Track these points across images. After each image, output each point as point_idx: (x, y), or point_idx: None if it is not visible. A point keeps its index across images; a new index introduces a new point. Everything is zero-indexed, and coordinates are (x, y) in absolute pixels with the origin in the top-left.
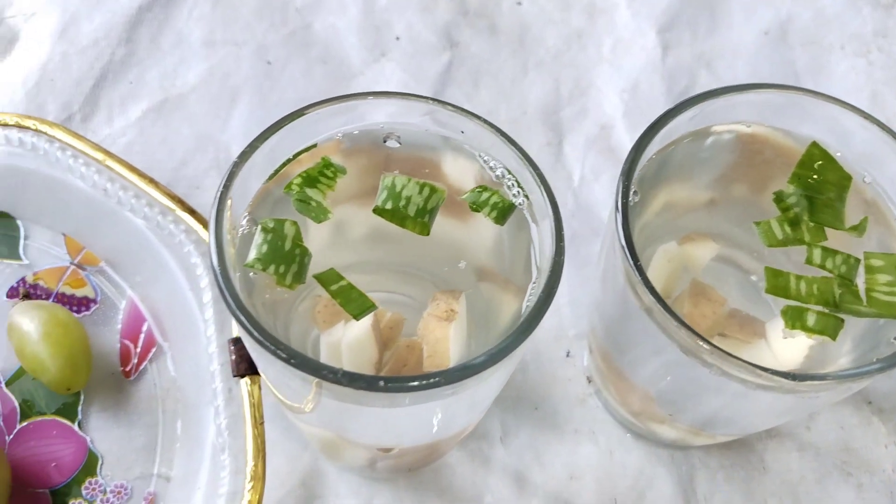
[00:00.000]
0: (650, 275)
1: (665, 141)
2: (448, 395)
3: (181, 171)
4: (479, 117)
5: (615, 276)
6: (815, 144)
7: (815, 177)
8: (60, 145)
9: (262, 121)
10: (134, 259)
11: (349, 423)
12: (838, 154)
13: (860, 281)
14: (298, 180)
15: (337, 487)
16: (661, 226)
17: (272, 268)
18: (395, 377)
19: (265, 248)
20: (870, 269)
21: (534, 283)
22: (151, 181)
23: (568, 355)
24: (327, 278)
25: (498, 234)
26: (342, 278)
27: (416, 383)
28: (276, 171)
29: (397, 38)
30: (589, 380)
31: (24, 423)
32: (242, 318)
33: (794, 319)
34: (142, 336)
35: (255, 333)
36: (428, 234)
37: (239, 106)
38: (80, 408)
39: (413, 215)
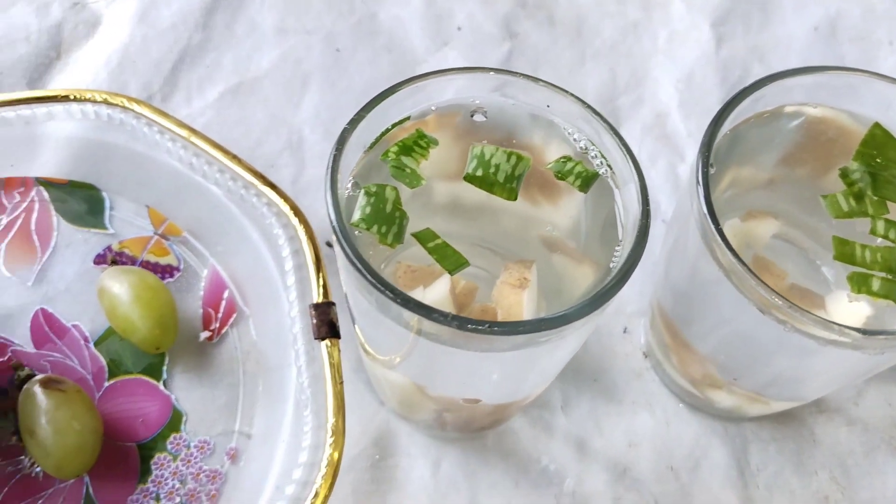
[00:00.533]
0: None
1: (738, 119)
2: (542, 343)
3: (256, 151)
4: (566, 91)
5: (685, 249)
6: (877, 125)
7: (877, 155)
8: (147, 121)
9: (332, 105)
10: (216, 230)
11: (437, 372)
12: None
13: None
14: (395, 149)
15: (408, 448)
16: (725, 202)
17: (375, 227)
18: (501, 322)
19: (368, 209)
20: None
21: (619, 245)
22: (234, 157)
23: (625, 331)
24: (424, 236)
25: (577, 207)
26: (437, 237)
27: (521, 326)
28: (375, 141)
29: (459, 29)
30: (645, 355)
31: (112, 381)
32: (360, 266)
33: (860, 284)
34: (223, 303)
35: (371, 278)
36: (515, 199)
37: (310, 91)
38: (164, 368)
39: (502, 182)
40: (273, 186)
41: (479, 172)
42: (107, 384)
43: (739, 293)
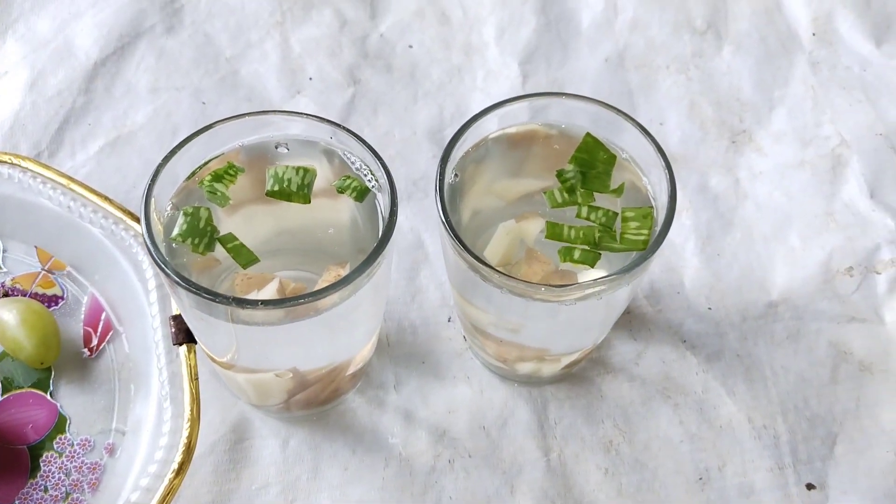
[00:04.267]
0: (493, 247)
1: (477, 138)
2: (328, 309)
3: (132, 193)
4: (341, 126)
5: (447, 253)
6: (588, 134)
7: (588, 157)
8: (32, 174)
9: None
10: (93, 262)
11: (258, 352)
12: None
13: (619, 228)
14: (209, 177)
15: (261, 430)
16: (498, 210)
17: (189, 240)
18: (272, 300)
19: (185, 226)
20: (625, 219)
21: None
22: (106, 198)
23: (449, 320)
24: (225, 239)
25: (356, 216)
26: (236, 239)
27: (281, 302)
28: (193, 173)
29: (310, 79)
30: (465, 338)
31: (6, 396)
32: (162, 265)
33: (566, 256)
34: (101, 323)
35: (172, 274)
36: (309, 203)
37: (178, 139)
38: (51, 381)
39: (296, 191)
40: (138, 220)
41: (276, 188)
42: (1, 399)
43: (472, 271)
